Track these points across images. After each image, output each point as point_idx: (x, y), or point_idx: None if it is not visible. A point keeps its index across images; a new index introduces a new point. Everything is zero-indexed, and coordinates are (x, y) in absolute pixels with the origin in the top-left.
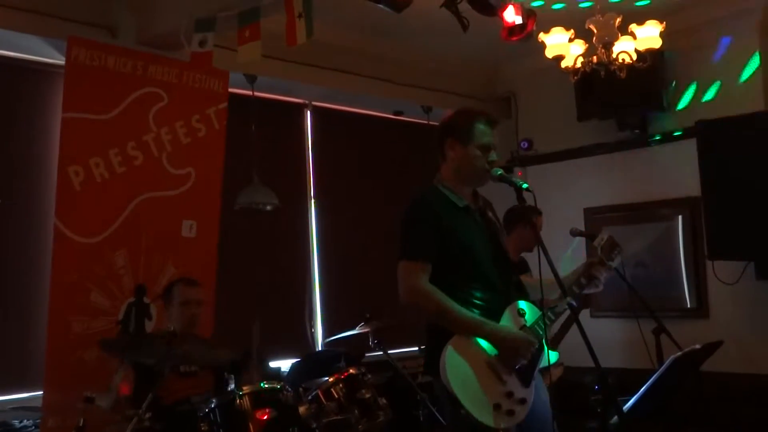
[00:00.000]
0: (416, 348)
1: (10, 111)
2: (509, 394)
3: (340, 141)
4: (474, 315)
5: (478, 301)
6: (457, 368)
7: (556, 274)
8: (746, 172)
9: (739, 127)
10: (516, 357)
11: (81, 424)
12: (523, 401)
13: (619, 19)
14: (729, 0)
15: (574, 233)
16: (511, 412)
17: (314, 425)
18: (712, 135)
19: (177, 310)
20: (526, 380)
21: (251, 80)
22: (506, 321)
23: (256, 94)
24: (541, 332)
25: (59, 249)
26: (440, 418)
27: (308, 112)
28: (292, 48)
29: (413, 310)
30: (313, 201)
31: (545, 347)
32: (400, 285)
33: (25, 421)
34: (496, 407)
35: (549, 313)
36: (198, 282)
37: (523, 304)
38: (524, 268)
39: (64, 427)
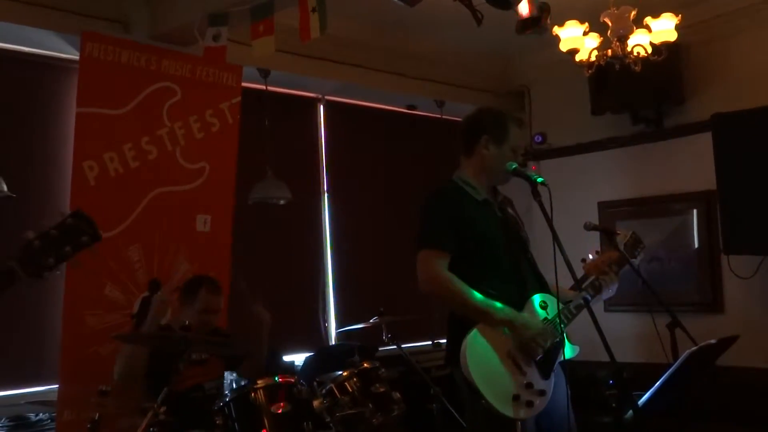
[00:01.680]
0: (430, 342)
1: (24, 106)
2: (529, 385)
3: (353, 135)
4: (493, 302)
5: (496, 293)
6: (477, 357)
7: (570, 269)
8: (762, 165)
9: (755, 120)
10: (533, 345)
11: (96, 418)
12: (542, 393)
13: (634, 12)
14: None
15: (588, 227)
16: (530, 403)
17: (328, 419)
18: (728, 128)
19: (195, 315)
20: (545, 372)
21: (264, 74)
22: (528, 313)
23: (270, 88)
24: (563, 324)
25: None
26: (454, 413)
27: (321, 107)
28: (305, 42)
29: (433, 298)
30: (326, 195)
31: (565, 341)
32: (419, 274)
33: (40, 414)
34: (516, 398)
35: (570, 308)
36: (221, 289)
37: (545, 297)
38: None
39: (80, 421)
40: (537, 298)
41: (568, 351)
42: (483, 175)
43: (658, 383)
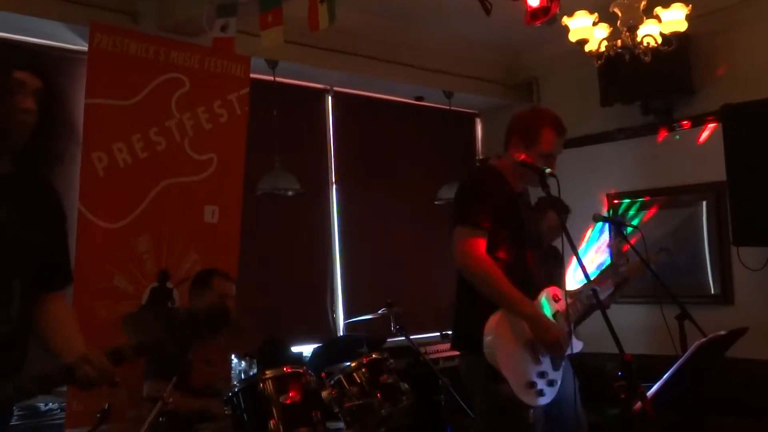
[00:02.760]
0: (438, 333)
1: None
2: (542, 375)
3: (361, 126)
4: (521, 293)
5: (516, 282)
6: (500, 342)
7: (579, 261)
8: None
9: (766, 111)
10: (554, 349)
11: (106, 408)
12: (552, 383)
13: (644, 2)
14: None
15: (597, 219)
16: (541, 392)
17: (337, 409)
18: (739, 119)
19: (211, 300)
20: (556, 363)
21: (273, 65)
22: (545, 304)
23: (278, 79)
24: (574, 317)
25: (83, 234)
26: (462, 403)
27: (329, 98)
28: (313, 33)
29: (466, 273)
30: (334, 186)
31: (572, 334)
32: (457, 248)
33: (50, 404)
34: (531, 385)
35: (582, 299)
36: (231, 276)
37: (558, 291)
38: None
39: (89, 411)
40: (550, 291)
41: (577, 346)
42: (513, 171)
43: (666, 375)
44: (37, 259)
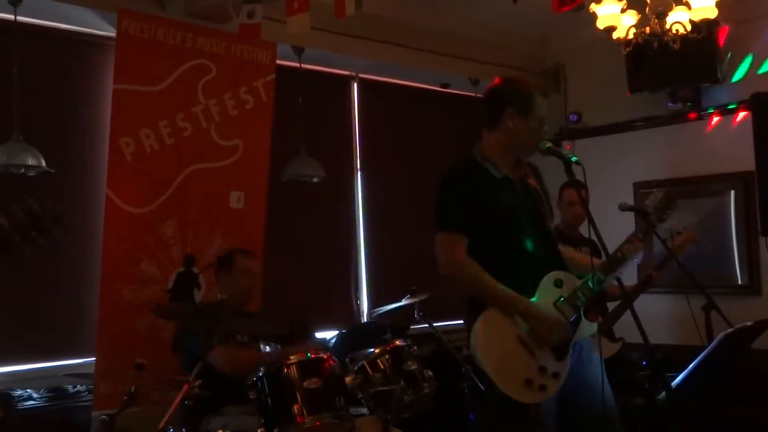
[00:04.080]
0: (462, 321)
1: (62, 83)
2: (541, 369)
3: (386, 113)
4: (509, 290)
5: (514, 272)
6: (488, 343)
7: (604, 247)
8: None
9: None
10: (548, 338)
11: (132, 391)
12: (556, 375)
13: None
14: None
15: (623, 208)
16: (543, 387)
17: (360, 395)
18: None
19: (237, 279)
20: (560, 354)
21: (299, 52)
22: (542, 292)
23: (304, 66)
24: (579, 303)
25: (110, 219)
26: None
27: (355, 84)
28: (339, 20)
29: (451, 281)
30: (359, 173)
31: (581, 318)
32: (438, 257)
33: (78, 386)
34: (528, 382)
35: (589, 284)
36: (254, 253)
37: (561, 275)
38: (578, 243)
39: (116, 393)
40: (555, 277)
41: (589, 328)
42: (507, 148)
43: (692, 365)
44: None
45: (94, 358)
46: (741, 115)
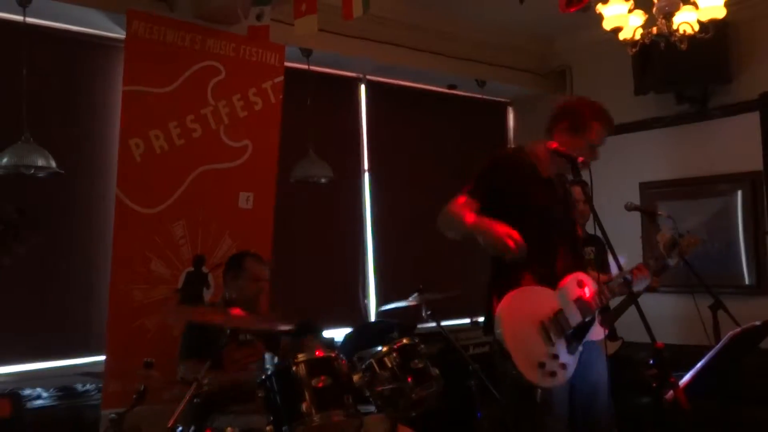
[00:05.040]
0: (468, 320)
1: (71, 84)
2: (554, 356)
3: (394, 114)
4: (470, 211)
5: (538, 266)
6: (511, 321)
7: (610, 247)
8: None
9: None
10: (501, 246)
11: (141, 389)
12: (564, 366)
13: None
14: None
15: (629, 208)
16: (553, 374)
17: (368, 393)
18: None
19: (245, 284)
20: (572, 347)
21: (307, 54)
22: (566, 289)
23: (312, 68)
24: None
25: (120, 219)
26: (492, 390)
27: (363, 86)
28: (346, 21)
29: (440, 227)
30: (367, 174)
31: (594, 320)
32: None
33: (87, 385)
34: (541, 365)
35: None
36: (263, 258)
37: (583, 277)
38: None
39: (125, 392)
40: (579, 277)
41: (600, 331)
42: (547, 157)
43: (699, 365)
44: None
45: (104, 357)
46: (748, 115)
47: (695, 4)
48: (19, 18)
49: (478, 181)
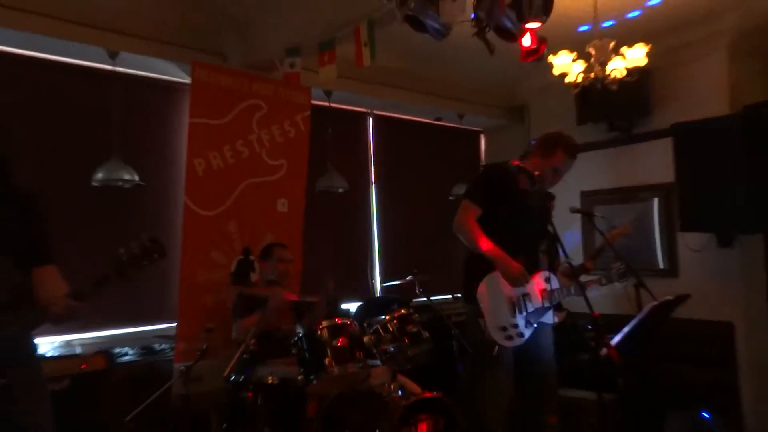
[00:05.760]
0: (450, 296)
1: (150, 117)
2: (514, 326)
3: (394, 140)
4: (497, 246)
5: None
6: (490, 292)
7: (560, 242)
8: (710, 162)
9: (706, 128)
10: (516, 281)
11: (204, 348)
12: (520, 335)
13: (613, 43)
14: (701, 27)
15: (573, 210)
16: (509, 337)
17: (375, 351)
18: (685, 134)
19: (275, 265)
20: (529, 323)
21: (328, 94)
22: (535, 282)
23: (332, 105)
24: (557, 299)
25: (188, 219)
26: (467, 347)
27: (370, 119)
28: (359, 69)
29: (455, 229)
30: (373, 185)
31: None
32: (456, 216)
33: (163, 345)
34: (502, 329)
35: (570, 290)
36: (287, 245)
37: (549, 275)
38: None
39: (191, 350)
40: (546, 274)
41: (550, 316)
42: (539, 172)
43: (626, 329)
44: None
45: (175, 323)
46: (664, 139)
47: (623, 55)
48: (109, 67)
49: (478, 190)
